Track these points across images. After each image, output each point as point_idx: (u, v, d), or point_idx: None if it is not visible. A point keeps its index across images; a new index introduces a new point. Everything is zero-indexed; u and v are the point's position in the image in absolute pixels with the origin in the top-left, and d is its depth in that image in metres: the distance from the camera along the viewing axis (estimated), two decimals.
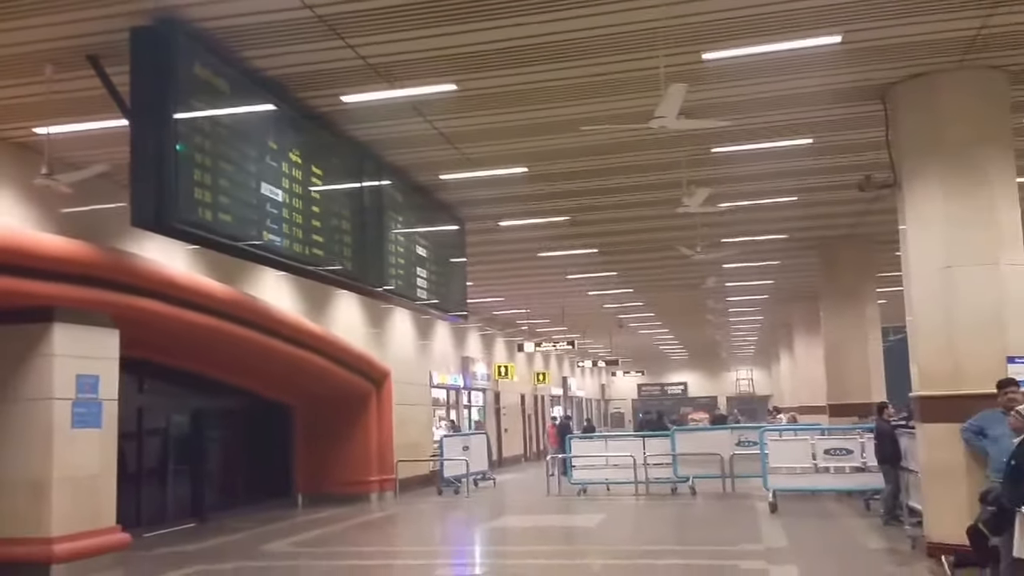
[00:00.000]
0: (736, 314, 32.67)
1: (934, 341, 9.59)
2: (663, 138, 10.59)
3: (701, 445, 18.62)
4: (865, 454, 14.70)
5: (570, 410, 43.97)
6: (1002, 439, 8.52)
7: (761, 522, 13.76)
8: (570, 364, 46.78)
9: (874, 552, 10.98)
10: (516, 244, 17.83)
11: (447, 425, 25.74)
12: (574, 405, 47.08)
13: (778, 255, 20.12)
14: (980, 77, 9.43)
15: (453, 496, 19.98)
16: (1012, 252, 9.45)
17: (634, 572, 10.29)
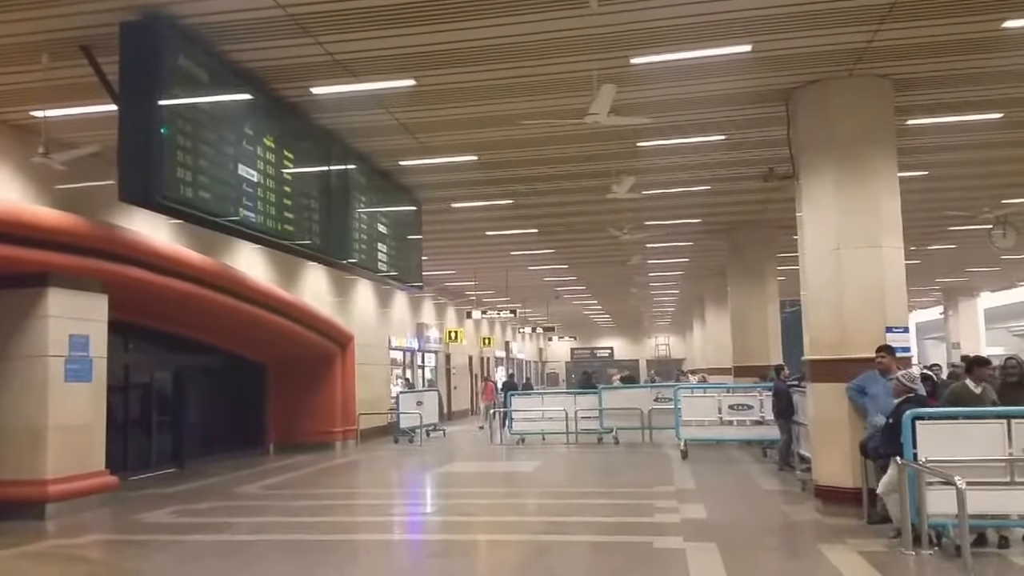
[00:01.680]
0: (656, 288, 33.04)
1: (824, 312, 9.82)
2: (596, 132, 10.61)
3: (624, 401, 18.90)
4: (764, 409, 15.05)
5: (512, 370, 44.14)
6: (879, 397, 8.83)
7: (674, 467, 14.02)
8: (512, 330, 46.94)
9: (769, 493, 11.27)
10: (466, 224, 17.77)
11: (403, 383, 25.69)
12: (515, 366, 47.28)
13: (693, 237, 20.36)
14: (868, 84, 9.61)
15: (408, 445, 19.99)
16: (892, 237, 9.71)
17: (565, 509, 10.43)
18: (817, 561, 7.22)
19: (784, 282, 21.33)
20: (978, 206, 16.49)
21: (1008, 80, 9.76)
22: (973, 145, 12.52)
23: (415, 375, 28.02)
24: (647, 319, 49.67)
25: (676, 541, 8.04)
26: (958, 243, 21.18)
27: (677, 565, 7.11)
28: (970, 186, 15.19)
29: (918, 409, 7.61)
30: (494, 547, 8.54)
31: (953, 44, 8.63)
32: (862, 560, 7.08)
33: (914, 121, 11.00)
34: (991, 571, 6.77)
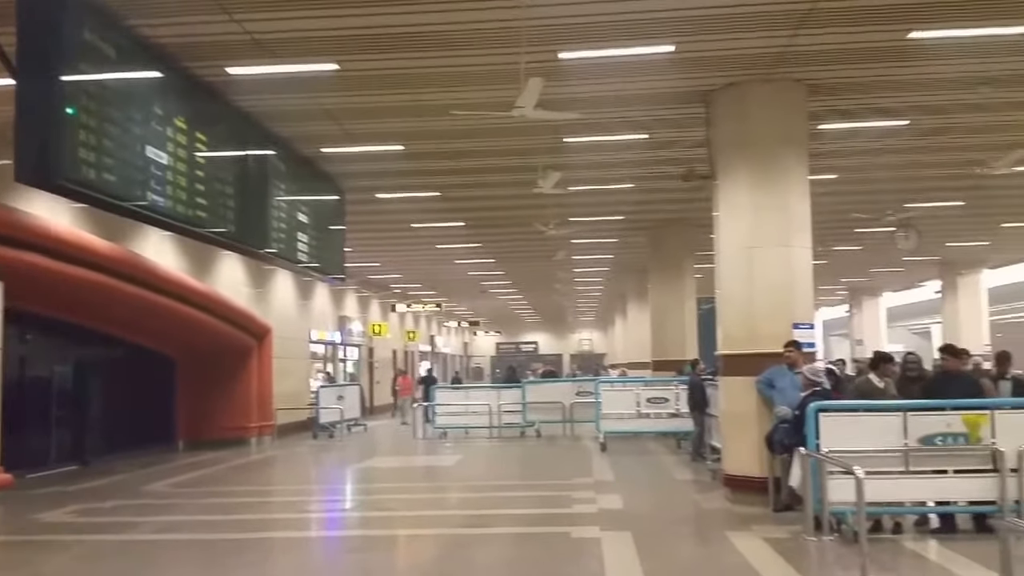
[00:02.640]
0: (581, 283, 33.44)
1: (737, 309, 10.14)
2: (523, 126, 10.69)
3: (546, 395, 19.10)
4: (679, 402, 15.41)
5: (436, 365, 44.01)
6: (787, 390, 9.17)
7: (593, 459, 14.26)
8: (437, 324, 46.81)
9: (682, 482, 11.59)
10: (392, 215, 17.65)
11: (323, 377, 25.34)
12: (440, 360, 47.17)
13: (616, 234, 20.69)
14: (784, 88, 9.95)
15: (327, 440, 19.74)
16: (801, 237, 10.08)
17: (486, 502, 10.48)
18: (724, 548, 7.46)
19: (701, 279, 21.81)
20: (883, 209, 17.22)
21: (914, 88, 10.23)
22: (880, 150, 13.08)
23: (336, 369, 27.68)
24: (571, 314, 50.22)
25: (593, 531, 8.19)
26: (863, 244, 22.05)
27: (593, 554, 7.26)
28: (876, 190, 15.86)
29: (822, 402, 7.94)
30: (413, 541, 8.54)
31: (863, 52, 9.01)
32: (766, 546, 7.35)
33: (825, 126, 11.42)
34: (886, 556, 7.11)
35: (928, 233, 18.66)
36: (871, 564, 6.22)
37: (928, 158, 13.63)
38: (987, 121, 11.57)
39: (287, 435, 20.11)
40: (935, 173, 14.65)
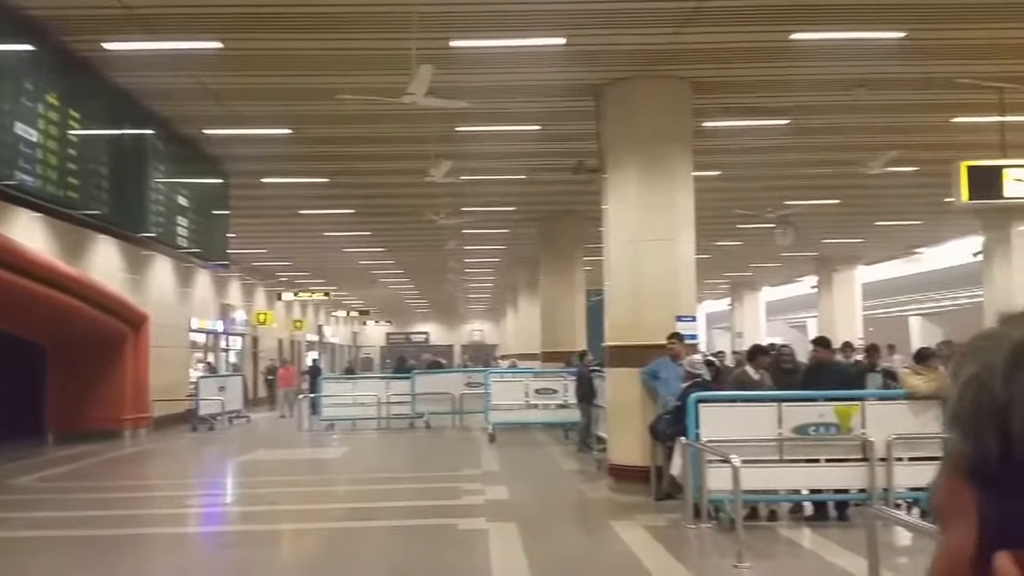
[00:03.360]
0: (472, 274, 33.46)
1: (623, 301, 10.35)
2: (415, 114, 10.57)
3: (436, 386, 19.03)
4: (568, 393, 15.63)
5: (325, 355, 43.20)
6: (670, 381, 9.44)
7: (481, 450, 14.32)
8: (325, 313, 45.92)
9: (568, 472, 11.78)
10: (279, 200, 17.16)
11: (204, 367, 24.45)
12: (328, 351, 46.31)
13: (508, 225, 20.79)
14: (670, 85, 10.20)
15: (207, 433, 19.06)
16: (685, 231, 10.38)
17: (372, 494, 10.37)
18: (607, 536, 7.63)
19: (591, 272, 22.19)
20: (764, 206, 17.94)
21: (795, 89, 10.69)
22: (761, 148, 13.62)
23: (218, 359, 26.76)
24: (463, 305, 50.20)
25: (479, 522, 8.22)
26: (745, 240, 22.93)
27: (479, 545, 7.28)
28: (757, 187, 16.53)
29: (702, 392, 8.22)
30: (295, 535, 8.35)
31: (746, 52, 9.34)
32: (647, 534, 7.57)
33: (710, 123, 11.79)
34: (761, 542, 7.42)
35: (805, 230, 19.57)
36: (746, 551, 6.48)
37: (807, 157, 14.29)
38: (862, 123, 12.21)
39: (164, 427, 19.29)
40: (813, 172, 15.37)
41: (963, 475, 0.40)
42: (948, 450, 0.43)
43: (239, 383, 22.61)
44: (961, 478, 0.41)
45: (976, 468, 0.38)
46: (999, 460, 0.38)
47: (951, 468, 0.41)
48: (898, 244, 25.71)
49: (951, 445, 0.42)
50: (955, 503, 0.41)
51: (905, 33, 8.87)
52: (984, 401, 0.39)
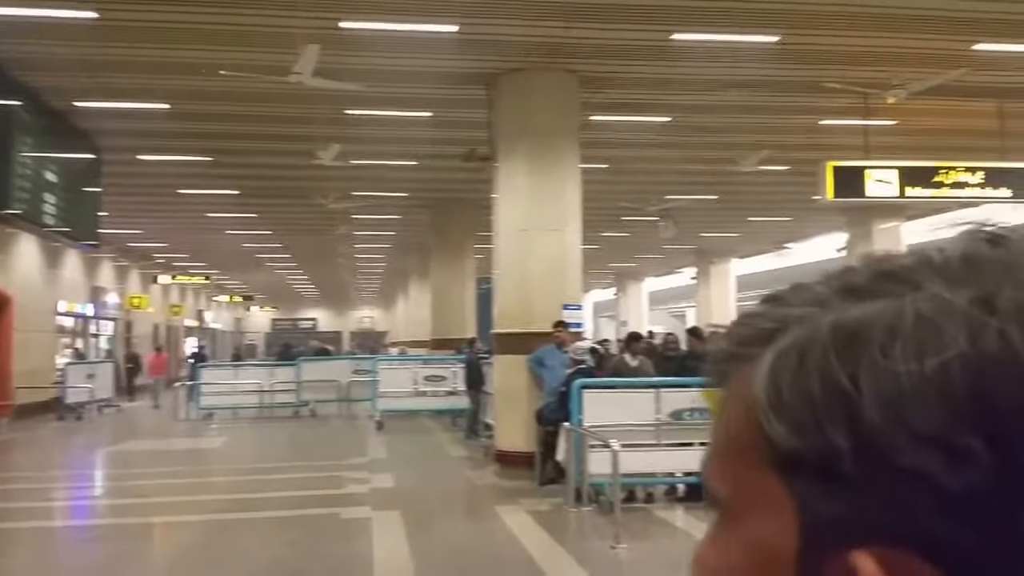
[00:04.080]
0: (363, 260, 32.97)
1: (512, 289, 10.43)
2: (302, 94, 10.28)
3: (323, 373, 18.67)
4: (457, 380, 15.62)
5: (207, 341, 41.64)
6: (555, 368, 9.56)
7: (368, 438, 14.13)
8: (206, 298, 44.25)
9: (455, 459, 11.80)
10: (156, 179, 16.39)
11: (72, 353, 23.12)
12: (209, 337, 44.66)
13: (399, 211, 20.58)
14: (560, 78, 10.30)
15: (75, 422, 18.05)
16: (573, 222, 10.54)
17: (252, 485, 10.05)
18: (492, 522, 7.69)
19: (481, 260, 22.25)
20: (647, 200, 18.43)
21: (676, 87, 10.99)
22: (645, 144, 13.97)
23: (88, 344, 25.35)
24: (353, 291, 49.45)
25: (364, 511, 8.12)
26: (629, 232, 23.51)
27: (362, 534, 7.19)
28: (641, 181, 16.96)
29: (584, 379, 8.38)
30: (168, 528, 8.02)
31: (631, 49, 9.52)
32: (530, 518, 7.67)
33: (597, 117, 11.98)
34: (638, 524, 7.63)
35: (685, 223, 20.23)
36: (624, 532, 6.66)
37: (687, 154, 14.74)
38: (738, 122, 12.69)
39: (28, 416, 18.14)
40: (693, 168, 15.88)
41: (775, 467, 0.36)
42: (732, 436, 0.39)
43: (110, 370, 21.48)
44: (769, 470, 0.36)
45: (807, 463, 0.35)
46: (852, 455, 0.33)
47: (748, 458, 0.37)
48: (769, 239, 26.95)
49: (744, 432, 0.38)
50: (753, 495, 0.37)
51: (779, 37, 9.26)
52: (820, 391, 0.35)
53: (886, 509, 0.33)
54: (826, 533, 0.34)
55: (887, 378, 0.33)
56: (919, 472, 0.32)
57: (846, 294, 0.38)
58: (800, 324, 0.38)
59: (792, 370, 0.36)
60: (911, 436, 0.32)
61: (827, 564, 0.34)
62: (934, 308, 0.34)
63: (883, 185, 11.67)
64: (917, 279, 0.36)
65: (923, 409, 0.32)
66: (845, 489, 0.34)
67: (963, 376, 0.32)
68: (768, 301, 0.42)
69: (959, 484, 0.32)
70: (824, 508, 0.34)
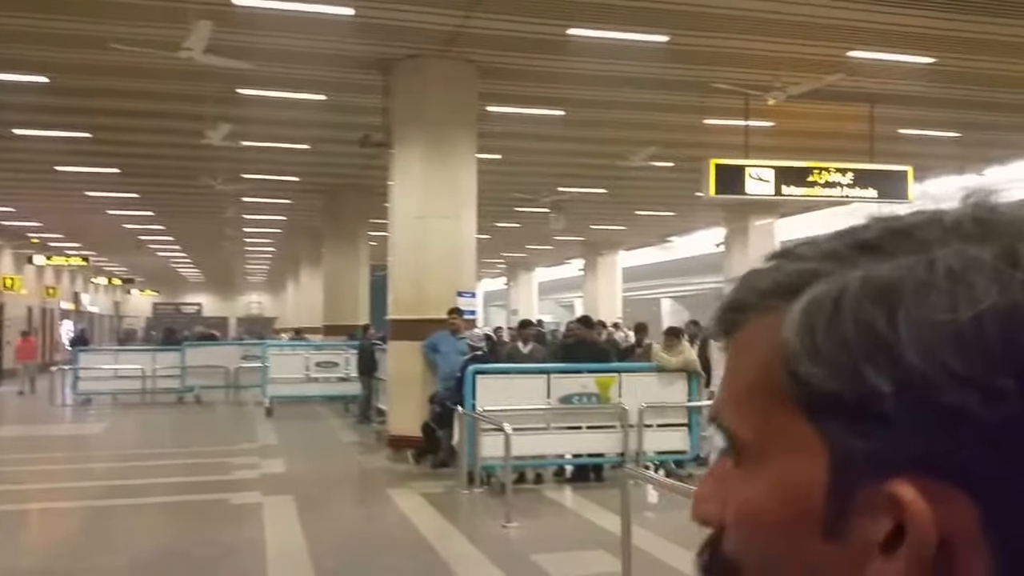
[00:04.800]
0: (252, 244, 31.96)
1: (407, 276, 10.37)
2: (192, 71, 9.86)
3: (209, 359, 18.04)
4: (349, 367, 15.42)
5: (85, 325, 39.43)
6: (449, 355, 9.59)
7: (258, 425, 13.78)
8: (84, 280, 41.89)
9: (347, 444, 11.68)
10: (32, 155, 15.38)
11: None
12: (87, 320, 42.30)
13: (291, 195, 20.06)
14: (457, 67, 10.26)
15: None
16: (468, 211, 10.54)
17: (135, 471, 9.61)
18: (385, 505, 7.66)
19: (375, 247, 21.98)
20: (539, 191, 18.65)
21: (571, 82, 11.15)
22: (539, 136, 14.12)
23: None
24: (240, 276, 47.87)
25: (254, 496, 7.94)
26: (521, 223, 23.71)
27: (253, 519, 7.03)
28: (534, 172, 17.15)
29: (479, 365, 8.45)
30: (42, 516, 7.61)
31: (529, 42, 9.59)
32: (423, 501, 7.69)
33: (493, 107, 12.01)
34: (527, 503, 7.76)
35: (575, 216, 20.57)
36: (514, 512, 6.76)
37: (579, 147, 15.01)
38: (628, 118, 13.00)
39: None
40: (584, 162, 16.18)
41: (805, 408, 0.38)
42: (751, 382, 0.40)
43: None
44: (797, 411, 0.38)
45: (843, 403, 0.37)
46: (893, 395, 0.36)
47: (771, 401, 0.39)
48: (654, 232, 27.77)
49: (764, 377, 0.39)
50: (778, 436, 0.39)
51: (669, 38, 9.53)
52: (857, 337, 0.37)
53: (924, 443, 0.36)
54: (859, 467, 0.37)
55: (926, 326, 0.36)
56: (959, 409, 0.35)
57: (862, 250, 0.40)
58: (825, 278, 0.40)
59: (827, 317, 0.38)
60: (951, 377, 0.36)
61: (858, 496, 0.37)
62: (963, 264, 0.37)
63: (761, 183, 12.20)
64: (930, 237, 0.39)
65: (961, 354, 0.36)
66: (882, 426, 0.36)
67: (996, 324, 0.36)
68: (780, 256, 0.44)
69: (995, 418, 0.35)
70: (858, 444, 0.37)
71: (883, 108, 12.27)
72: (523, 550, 6.12)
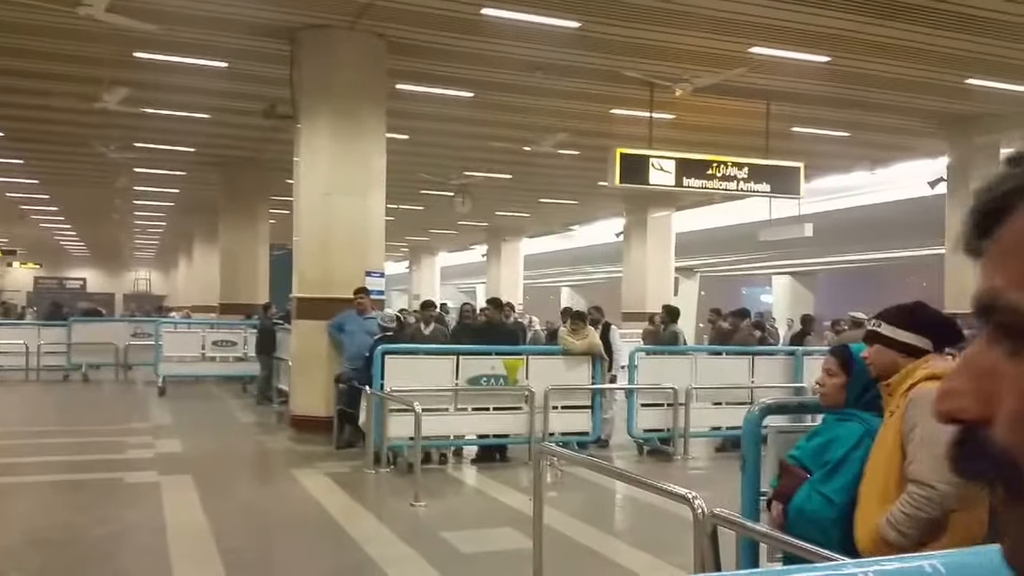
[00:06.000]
0: (142, 218, 30.46)
1: (314, 254, 10.11)
2: (87, 30, 9.28)
3: (97, 335, 17.13)
4: (247, 346, 14.94)
5: None
6: (356, 334, 9.42)
7: (150, 404, 13.15)
8: None
9: (247, 424, 11.32)
10: None
11: None
12: None
13: (186, 167, 19.19)
14: (367, 41, 9.99)
15: None
16: (376, 190, 10.34)
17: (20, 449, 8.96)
18: (289, 484, 7.47)
19: (275, 225, 21.32)
20: (446, 174, 18.48)
21: (482, 63, 11.07)
22: (448, 118, 13.98)
23: None
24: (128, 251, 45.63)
25: (150, 475, 7.60)
26: (426, 205, 23.42)
27: (150, 498, 6.73)
28: (442, 155, 16.99)
29: (387, 345, 8.34)
30: None
31: (441, 19, 9.42)
32: (329, 480, 7.53)
33: (402, 86, 11.79)
34: (434, 483, 7.70)
35: (481, 200, 20.50)
36: (422, 491, 6.71)
37: (487, 131, 14.95)
38: (537, 104, 13.03)
39: None
40: (492, 146, 16.13)
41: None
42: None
43: None
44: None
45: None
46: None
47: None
48: (557, 220, 28.04)
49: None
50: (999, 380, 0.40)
51: (580, 24, 9.57)
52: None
53: None
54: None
55: None
56: None
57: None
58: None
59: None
60: None
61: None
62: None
63: (663, 174, 12.50)
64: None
65: None
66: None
67: None
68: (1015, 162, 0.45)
69: None
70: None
71: (779, 105, 12.75)
72: (432, 528, 6.08)
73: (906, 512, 2.31)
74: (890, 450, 2.43)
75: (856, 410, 2.64)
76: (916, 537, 2.32)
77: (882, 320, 2.56)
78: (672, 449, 9.18)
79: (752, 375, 9.64)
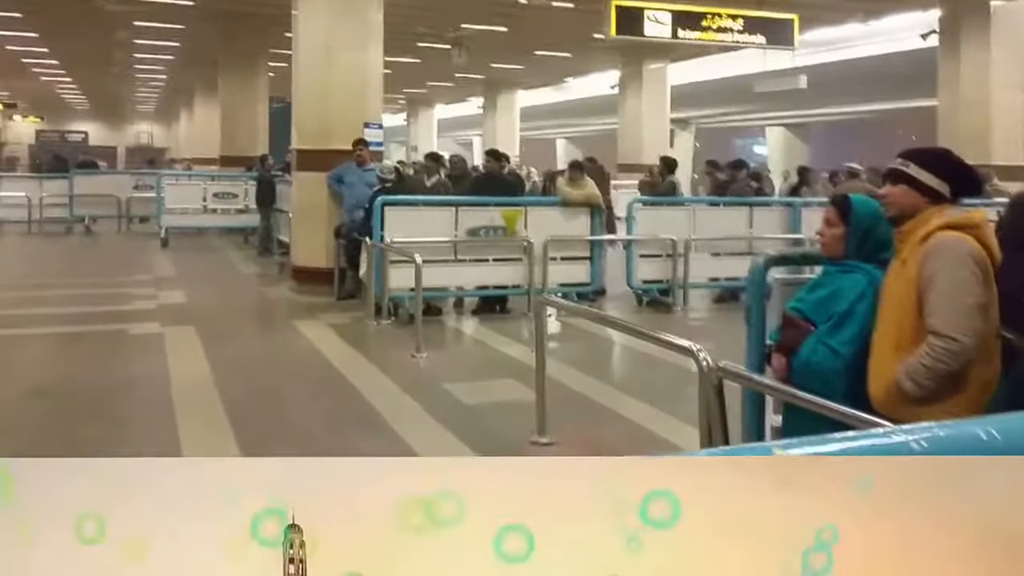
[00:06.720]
0: (143, 71, 29.00)
1: (313, 105, 9.63)
2: None
3: (100, 187, 16.59)
4: (248, 198, 14.45)
5: None
6: (355, 186, 8.98)
7: (153, 256, 12.80)
8: None
9: (249, 276, 11.08)
10: None
11: None
12: None
13: (186, 20, 17.95)
14: None
15: None
16: (374, 43, 9.71)
17: (24, 301, 8.70)
18: (290, 334, 7.27)
19: (274, 79, 20.26)
20: (443, 27, 17.39)
21: None
22: None
23: None
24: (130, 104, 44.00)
25: (153, 327, 7.37)
26: (423, 59, 22.26)
27: (155, 347, 6.52)
28: (436, 7, 15.87)
29: (387, 196, 7.91)
30: None
31: None
32: (331, 331, 7.32)
33: None
34: (435, 334, 7.45)
35: (476, 53, 19.43)
36: (423, 342, 6.48)
37: None
38: None
39: None
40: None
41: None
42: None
43: None
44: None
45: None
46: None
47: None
48: (552, 73, 26.82)
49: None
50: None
51: None
52: None
53: None
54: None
55: None
56: None
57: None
58: None
59: None
60: None
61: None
62: None
63: (658, 26, 11.90)
64: None
65: None
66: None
67: None
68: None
69: None
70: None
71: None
72: (434, 379, 5.90)
73: (926, 364, 2.17)
74: (902, 299, 2.25)
75: (857, 261, 2.46)
76: (933, 388, 2.18)
77: (910, 160, 2.30)
78: (671, 300, 8.94)
79: (750, 226, 9.28)
